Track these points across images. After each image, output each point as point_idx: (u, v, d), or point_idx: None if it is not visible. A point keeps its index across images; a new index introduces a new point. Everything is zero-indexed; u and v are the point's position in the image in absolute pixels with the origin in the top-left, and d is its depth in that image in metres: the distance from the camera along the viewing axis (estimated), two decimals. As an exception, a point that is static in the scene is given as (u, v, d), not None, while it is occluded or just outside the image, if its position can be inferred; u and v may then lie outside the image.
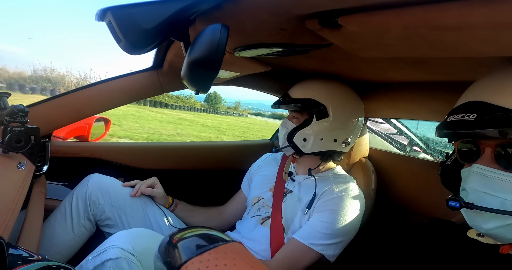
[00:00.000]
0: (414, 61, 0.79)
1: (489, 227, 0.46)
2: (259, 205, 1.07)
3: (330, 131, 0.99)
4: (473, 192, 0.48)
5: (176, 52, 0.94)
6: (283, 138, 1.03)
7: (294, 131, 0.99)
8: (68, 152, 1.20)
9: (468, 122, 0.47)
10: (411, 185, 1.16)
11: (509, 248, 0.48)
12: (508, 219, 0.44)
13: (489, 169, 0.47)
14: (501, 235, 0.46)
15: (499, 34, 0.41)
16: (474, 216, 0.48)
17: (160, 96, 23.56)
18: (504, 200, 0.45)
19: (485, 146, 0.48)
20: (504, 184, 0.45)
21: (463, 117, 0.48)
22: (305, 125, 0.99)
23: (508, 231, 0.45)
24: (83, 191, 0.99)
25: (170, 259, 0.31)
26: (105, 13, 0.50)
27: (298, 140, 0.98)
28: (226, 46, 0.49)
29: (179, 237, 0.34)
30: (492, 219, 0.46)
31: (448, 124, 0.51)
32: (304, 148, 0.99)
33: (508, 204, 0.44)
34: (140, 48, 0.54)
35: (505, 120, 0.43)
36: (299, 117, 1.02)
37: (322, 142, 0.99)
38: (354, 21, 0.48)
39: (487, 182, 0.47)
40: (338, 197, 0.93)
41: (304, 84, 1.06)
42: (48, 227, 0.95)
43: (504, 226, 0.45)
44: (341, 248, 0.90)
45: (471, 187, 0.48)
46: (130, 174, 1.28)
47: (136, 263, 0.72)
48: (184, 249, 0.30)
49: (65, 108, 1.06)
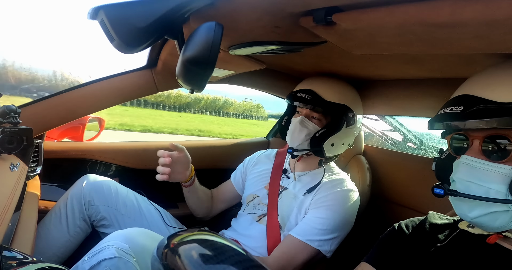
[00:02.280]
0: (408, 58, 0.79)
1: (473, 215, 0.48)
2: (255, 203, 1.07)
3: (350, 136, 1.03)
4: (460, 181, 0.51)
5: (170, 51, 0.93)
6: (303, 139, 0.98)
7: (325, 136, 0.96)
8: (61, 153, 1.19)
9: (455, 114, 0.49)
10: (406, 181, 1.17)
11: (496, 237, 0.50)
12: (491, 206, 0.46)
13: (476, 160, 0.49)
14: (486, 223, 0.48)
15: (491, 30, 0.41)
16: (461, 205, 0.51)
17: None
18: (488, 189, 0.47)
19: (474, 138, 0.51)
20: (489, 174, 0.47)
21: (451, 109, 0.51)
22: (334, 130, 0.96)
23: (492, 220, 0.47)
24: (78, 192, 0.99)
25: (168, 263, 0.30)
26: (98, 12, 0.50)
27: (327, 145, 0.96)
28: (220, 44, 0.49)
29: (178, 241, 0.33)
30: (477, 207, 0.48)
31: (438, 116, 0.53)
32: (328, 152, 0.98)
33: (492, 192, 0.46)
34: (133, 46, 0.53)
35: (488, 112, 0.46)
36: (322, 119, 0.99)
37: (342, 146, 1.02)
38: (348, 19, 0.49)
39: (473, 172, 0.49)
40: (333, 193, 0.94)
41: (332, 85, 1.02)
42: (43, 228, 0.94)
43: (487, 214, 0.47)
44: (337, 243, 0.91)
45: (458, 176, 0.51)
46: (125, 174, 1.28)
47: (133, 262, 0.72)
48: (186, 258, 0.30)
49: (58, 108, 1.05)
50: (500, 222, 0.47)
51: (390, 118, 1.51)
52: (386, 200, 1.23)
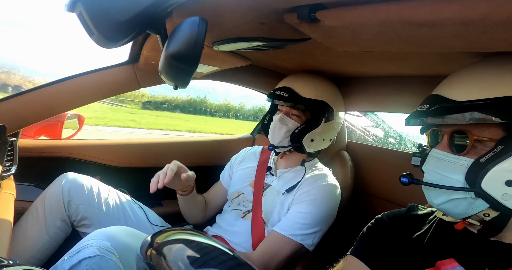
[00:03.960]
0: (390, 56, 0.82)
1: (438, 202, 0.54)
2: (239, 200, 1.08)
3: (330, 132, 1.04)
4: (428, 172, 0.56)
5: (152, 46, 0.91)
6: (283, 136, 1.00)
7: (303, 132, 0.97)
8: (38, 151, 1.14)
9: (422, 112, 0.55)
10: (387, 175, 1.20)
11: (462, 224, 0.55)
12: (452, 194, 0.51)
13: (442, 153, 0.54)
14: (450, 210, 0.53)
15: (468, 30, 0.43)
16: (429, 193, 0.56)
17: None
18: (450, 178, 0.52)
19: (444, 133, 0.56)
20: (451, 165, 0.52)
21: (420, 107, 0.56)
22: (313, 126, 0.98)
23: (454, 206, 0.52)
24: (56, 191, 0.95)
25: (153, 263, 0.30)
26: (76, 4, 0.48)
27: (307, 141, 0.98)
28: (204, 40, 0.48)
29: (161, 240, 0.33)
30: (441, 194, 0.53)
31: (412, 113, 0.59)
32: (308, 148, 0.99)
33: (452, 181, 0.51)
34: (114, 41, 0.51)
35: (448, 109, 0.51)
36: (301, 115, 1.01)
37: (324, 142, 1.03)
38: (332, 16, 0.49)
39: (439, 164, 0.54)
40: (315, 188, 0.96)
41: (309, 81, 1.03)
42: (20, 230, 0.90)
43: (449, 201, 0.52)
44: (319, 237, 0.94)
45: (427, 168, 0.56)
46: (107, 173, 1.24)
47: (115, 260, 0.70)
48: (170, 258, 0.30)
49: (34, 104, 1.00)
50: (461, 209, 0.51)
51: (372, 114, 1.54)
52: (368, 194, 1.27)
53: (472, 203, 0.50)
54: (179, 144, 1.45)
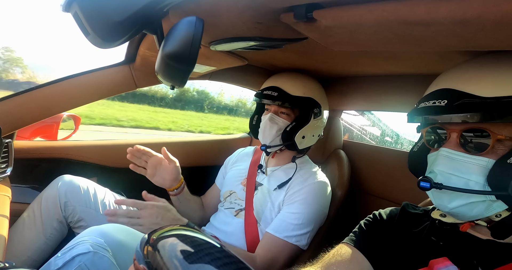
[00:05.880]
0: (386, 55, 0.82)
1: (453, 205, 0.50)
2: (231, 199, 1.09)
3: (319, 127, 1.05)
4: (441, 173, 0.52)
5: (148, 46, 0.91)
6: (275, 135, 1.00)
7: (295, 129, 0.98)
8: (34, 153, 1.13)
9: (439, 108, 0.50)
10: (383, 174, 1.21)
11: (468, 226, 0.53)
12: (471, 197, 0.48)
13: (455, 153, 0.50)
14: (463, 213, 0.50)
15: (463, 29, 0.43)
16: (441, 196, 0.52)
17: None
18: (468, 180, 0.49)
19: (451, 131, 0.52)
20: (467, 166, 0.49)
21: (434, 103, 0.51)
22: (303, 123, 0.99)
23: (470, 209, 0.49)
24: (53, 193, 0.95)
25: (150, 260, 0.30)
26: (71, 4, 0.47)
27: (298, 138, 0.99)
28: (201, 39, 0.48)
29: (157, 236, 0.33)
30: (457, 198, 0.50)
31: (420, 110, 0.54)
32: (300, 144, 1.00)
33: (472, 183, 0.48)
34: (110, 41, 0.51)
35: (472, 106, 0.47)
36: (290, 113, 1.01)
37: (313, 138, 1.04)
38: (328, 16, 0.49)
39: (453, 164, 0.50)
40: (305, 187, 0.97)
41: (296, 79, 1.04)
42: (16, 232, 0.90)
43: (467, 204, 0.49)
44: (312, 236, 0.95)
45: (440, 169, 0.52)
46: (103, 174, 1.24)
47: (109, 256, 0.70)
48: (166, 252, 0.30)
49: (30, 106, 0.99)
50: (476, 211, 0.49)
51: (368, 113, 1.55)
52: (364, 193, 1.27)
53: (490, 205, 0.48)
54: (177, 144, 1.45)
